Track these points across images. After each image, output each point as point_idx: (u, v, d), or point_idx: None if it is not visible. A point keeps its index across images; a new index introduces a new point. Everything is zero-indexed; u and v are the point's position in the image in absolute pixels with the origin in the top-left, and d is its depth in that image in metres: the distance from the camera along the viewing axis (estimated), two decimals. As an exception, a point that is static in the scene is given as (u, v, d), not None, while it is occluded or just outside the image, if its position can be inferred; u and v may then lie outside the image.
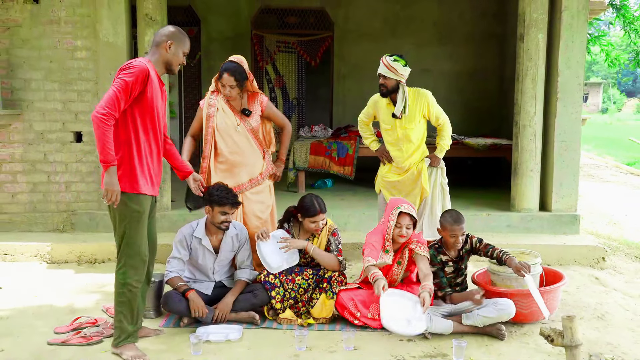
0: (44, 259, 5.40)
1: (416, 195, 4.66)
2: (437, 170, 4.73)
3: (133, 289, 3.43)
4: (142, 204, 3.39)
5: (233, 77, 4.21)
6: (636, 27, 9.70)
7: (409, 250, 4.06)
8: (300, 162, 7.39)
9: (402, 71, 4.47)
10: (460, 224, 3.98)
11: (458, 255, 4.08)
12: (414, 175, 4.67)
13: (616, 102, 42.79)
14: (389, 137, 4.70)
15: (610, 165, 13.48)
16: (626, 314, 4.22)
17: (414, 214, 4.04)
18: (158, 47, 3.43)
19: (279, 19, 9.45)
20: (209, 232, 4.09)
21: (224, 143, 4.32)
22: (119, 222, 3.39)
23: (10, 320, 4.02)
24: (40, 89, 5.78)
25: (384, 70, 4.48)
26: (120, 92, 3.19)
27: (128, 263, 3.40)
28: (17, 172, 5.83)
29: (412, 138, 4.62)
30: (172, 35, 3.44)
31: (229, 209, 3.98)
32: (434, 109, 4.63)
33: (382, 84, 4.52)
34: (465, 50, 9.28)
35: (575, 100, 5.88)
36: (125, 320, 3.44)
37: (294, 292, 4.10)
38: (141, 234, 3.43)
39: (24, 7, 5.69)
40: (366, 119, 4.88)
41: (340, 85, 9.45)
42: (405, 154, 4.65)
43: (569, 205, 5.99)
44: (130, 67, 3.26)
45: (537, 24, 5.81)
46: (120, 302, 3.44)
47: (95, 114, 3.16)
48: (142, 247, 3.44)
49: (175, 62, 3.48)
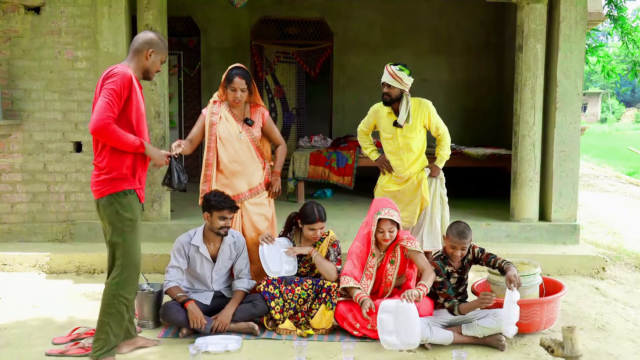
0: (43, 269, 5.39)
1: (416, 205, 4.67)
2: (437, 181, 4.74)
3: (126, 301, 3.39)
4: (135, 211, 3.38)
5: (244, 80, 4.26)
6: (634, 38, 9.75)
7: (400, 248, 4.07)
8: (299, 172, 7.39)
9: (407, 81, 4.51)
10: (463, 239, 3.91)
11: (461, 265, 4.07)
12: (414, 185, 4.68)
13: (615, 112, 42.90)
14: (390, 146, 4.71)
15: (610, 175, 13.48)
16: (627, 325, 4.21)
17: (394, 218, 3.99)
18: (138, 53, 3.43)
19: (278, 30, 9.49)
20: (207, 240, 4.09)
21: (224, 151, 4.33)
22: (114, 232, 3.36)
23: (8, 331, 4.01)
24: (41, 99, 5.79)
25: (388, 79, 4.50)
26: (113, 99, 3.20)
27: (124, 274, 3.37)
28: (16, 182, 5.83)
29: (412, 147, 4.63)
30: (152, 43, 3.44)
31: (227, 213, 3.99)
32: (434, 119, 4.66)
33: (386, 92, 4.54)
34: (463, 61, 9.32)
35: (574, 110, 5.90)
36: (111, 332, 3.38)
37: (294, 302, 4.09)
38: (137, 243, 3.42)
39: (25, 18, 5.72)
40: (366, 129, 4.89)
41: (340, 95, 9.48)
42: (406, 163, 4.66)
43: (568, 215, 5.99)
44: (113, 74, 3.25)
45: (536, 35, 5.84)
46: (108, 314, 3.37)
47: (96, 123, 3.16)
48: (138, 256, 3.43)
49: (153, 70, 3.51)
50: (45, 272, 5.38)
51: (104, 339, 3.38)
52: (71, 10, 5.73)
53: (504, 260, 3.98)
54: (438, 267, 3.99)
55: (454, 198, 4.85)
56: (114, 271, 3.41)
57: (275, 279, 4.11)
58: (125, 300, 3.41)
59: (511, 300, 3.68)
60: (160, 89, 5.83)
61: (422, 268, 3.98)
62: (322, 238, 4.29)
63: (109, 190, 3.32)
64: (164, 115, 5.87)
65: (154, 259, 5.38)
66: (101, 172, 3.33)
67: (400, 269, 4.09)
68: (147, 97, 5.79)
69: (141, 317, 4.08)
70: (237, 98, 4.29)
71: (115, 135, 3.21)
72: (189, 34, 9.02)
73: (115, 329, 3.40)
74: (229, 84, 4.28)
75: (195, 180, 9.04)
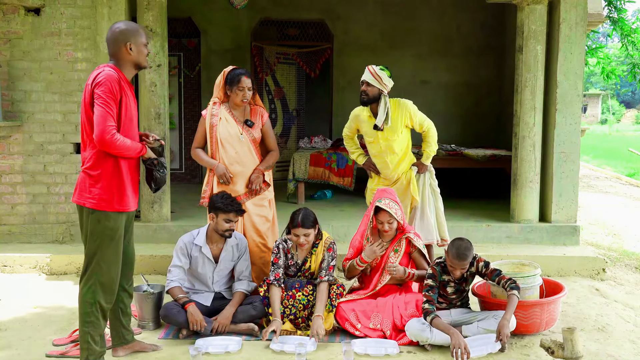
0: (43, 270, 5.39)
1: (407, 205, 4.68)
2: (426, 174, 4.75)
3: (103, 309, 3.30)
4: (117, 221, 3.29)
5: (250, 79, 4.29)
6: (633, 40, 9.75)
7: (406, 240, 4.13)
8: (299, 173, 7.39)
9: (386, 81, 4.50)
10: (462, 261, 3.71)
11: (462, 277, 3.97)
12: (403, 185, 4.69)
13: (615, 113, 42.89)
14: (373, 149, 4.72)
15: (610, 176, 13.48)
16: (627, 326, 4.21)
17: (391, 211, 4.04)
18: (118, 54, 3.29)
19: (278, 31, 9.50)
20: (210, 241, 4.09)
21: (225, 153, 4.34)
22: (91, 240, 3.27)
23: (9, 332, 4.00)
24: (41, 100, 5.80)
25: (368, 77, 4.50)
26: (109, 107, 3.15)
27: (99, 281, 3.27)
28: (16, 183, 5.83)
29: (395, 149, 4.63)
30: (125, 36, 3.26)
31: (233, 216, 3.99)
32: (416, 117, 4.65)
33: (364, 91, 4.53)
34: (463, 62, 9.32)
35: (574, 112, 5.90)
36: (92, 341, 3.28)
37: (295, 308, 4.05)
38: (114, 253, 3.31)
39: (25, 19, 5.73)
40: (350, 133, 4.89)
41: (340, 97, 9.48)
42: (391, 165, 4.67)
43: (568, 216, 5.99)
44: (101, 81, 3.15)
45: (536, 36, 5.85)
46: (87, 322, 3.27)
47: (102, 136, 3.12)
48: (114, 266, 3.31)
49: (143, 58, 3.35)
50: (45, 274, 5.38)
51: (87, 348, 3.29)
52: (71, 11, 5.74)
53: (509, 281, 3.77)
54: (436, 273, 3.91)
55: (455, 199, 4.86)
56: (86, 279, 3.29)
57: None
58: (104, 309, 3.30)
59: (491, 344, 3.60)
60: (160, 90, 5.83)
61: (420, 269, 4.12)
62: (317, 244, 4.18)
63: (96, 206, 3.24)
64: (164, 116, 5.87)
65: (154, 260, 5.37)
66: (95, 184, 3.25)
67: (401, 261, 4.13)
68: (147, 98, 5.80)
69: (141, 318, 4.08)
70: (245, 97, 4.30)
71: (122, 145, 3.19)
72: (189, 35, 9.03)
73: (98, 338, 3.31)
74: (236, 85, 4.27)
75: (195, 181, 9.12)
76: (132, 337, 3.67)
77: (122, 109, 3.25)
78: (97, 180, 3.25)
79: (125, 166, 3.31)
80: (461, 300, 4.04)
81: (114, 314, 3.54)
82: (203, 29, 9.01)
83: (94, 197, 3.24)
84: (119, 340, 3.60)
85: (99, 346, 3.33)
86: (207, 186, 4.40)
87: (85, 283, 3.30)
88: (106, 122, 3.14)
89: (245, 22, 9.08)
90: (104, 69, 3.23)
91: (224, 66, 4.54)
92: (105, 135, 3.14)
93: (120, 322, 3.58)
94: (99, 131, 3.15)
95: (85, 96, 3.25)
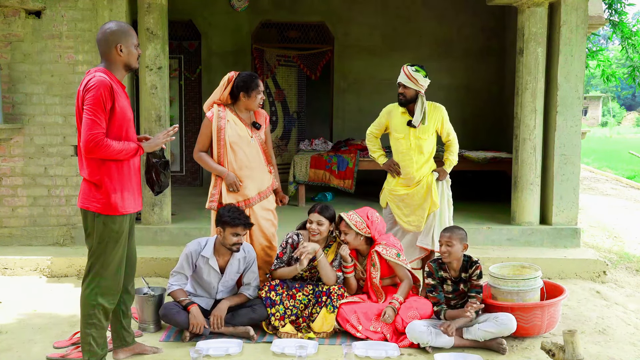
0: (44, 272, 5.39)
1: (425, 209, 4.62)
2: (444, 183, 4.73)
3: (106, 311, 3.30)
4: (122, 223, 3.29)
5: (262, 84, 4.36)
6: (634, 43, 9.77)
7: (377, 252, 4.15)
8: (300, 175, 7.40)
9: (423, 82, 4.53)
10: (446, 232, 3.97)
11: (458, 276, 4.00)
12: (423, 189, 4.64)
13: (616, 116, 42.87)
14: (401, 146, 4.66)
15: (611, 179, 13.48)
16: (628, 329, 4.20)
17: (350, 223, 4.12)
18: (108, 55, 3.27)
19: (279, 34, 9.51)
20: (217, 253, 4.03)
21: (234, 156, 4.25)
22: (96, 243, 3.26)
23: (9, 335, 4.00)
24: (41, 103, 5.80)
25: (404, 80, 4.51)
26: (96, 114, 3.11)
27: (102, 284, 3.26)
28: (17, 185, 5.83)
29: (424, 149, 4.61)
30: (116, 37, 3.23)
31: (241, 230, 3.92)
32: (447, 125, 4.70)
33: (401, 92, 4.55)
34: (464, 65, 9.32)
35: (574, 114, 5.90)
36: (94, 343, 3.28)
37: (296, 308, 4.07)
38: (119, 255, 3.32)
39: (25, 22, 5.73)
40: (377, 131, 4.85)
41: (340, 99, 9.49)
42: (416, 164, 4.62)
43: (569, 219, 5.98)
44: (91, 87, 3.13)
45: (537, 38, 5.85)
46: (90, 324, 3.27)
47: (86, 144, 3.09)
48: (117, 268, 3.32)
49: (133, 60, 3.31)
50: (46, 276, 5.38)
51: (88, 350, 3.29)
52: (72, 14, 5.75)
53: (475, 293, 3.89)
54: (432, 270, 3.98)
55: (455, 201, 4.84)
56: (89, 281, 3.28)
57: (277, 284, 4.11)
58: (107, 310, 3.31)
59: None
60: (161, 93, 5.83)
61: (400, 279, 4.16)
62: (330, 244, 4.27)
63: (102, 210, 3.23)
64: (164, 119, 5.88)
65: (154, 263, 5.38)
66: (98, 189, 3.23)
67: (383, 271, 4.17)
68: (148, 101, 5.80)
69: (142, 321, 4.08)
70: (262, 101, 4.33)
71: (110, 149, 3.14)
72: (190, 37, 9.04)
73: (100, 340, 3.31)
74: (254, 89, 4.23)
75: (196, 183, 9.12)
76: (133, 339, 3.67)
77: (116, 112, 3.21)
78: (99, 186, 3.24)
79: (126, 168, 3.30)
80: (460, 303, 4.03)
81: (115, 316, 3.54)
82: (204, 31, 9.02)
83: (98, 201, 3.24)
84: (119, 342, 3.60)
85: (100, 348, 3.32)
86: (215, 189, 4.29)
87: (88, 285, 3.29)
88: (91, 129, 3.10)
89: (245, 24, 9.08)
90: (95, 74, 3.19)
91: (224, 69, 4.55)
92: (88, 144, 3.11)
93: (121, 324, 3.58)
94: (83, 139, 3.13)
95: (78, 102, 3.23)
